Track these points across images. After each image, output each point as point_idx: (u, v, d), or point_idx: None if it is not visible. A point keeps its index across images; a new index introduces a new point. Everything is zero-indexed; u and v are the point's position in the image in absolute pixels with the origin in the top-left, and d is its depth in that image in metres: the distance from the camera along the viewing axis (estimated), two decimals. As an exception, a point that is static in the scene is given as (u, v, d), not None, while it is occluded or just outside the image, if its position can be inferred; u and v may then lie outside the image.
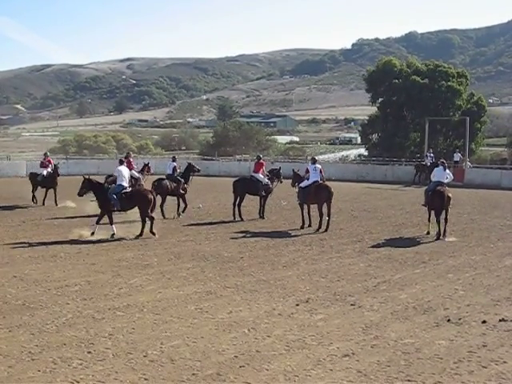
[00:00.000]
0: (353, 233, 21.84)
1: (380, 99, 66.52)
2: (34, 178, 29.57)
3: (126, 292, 13.07)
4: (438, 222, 20.99)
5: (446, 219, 21.06)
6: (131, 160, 28.87)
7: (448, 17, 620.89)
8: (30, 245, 18.45)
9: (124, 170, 21.45)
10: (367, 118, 72.29)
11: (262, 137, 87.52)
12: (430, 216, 21.82)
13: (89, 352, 9.33)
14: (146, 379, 8.37)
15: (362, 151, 74.62)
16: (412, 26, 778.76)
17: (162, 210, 24.62)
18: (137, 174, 28.38)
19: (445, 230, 20.97)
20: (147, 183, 27.14)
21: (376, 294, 13.27)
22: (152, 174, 30.18)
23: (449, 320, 11.23)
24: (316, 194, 22.57)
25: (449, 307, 12.16)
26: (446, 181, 21.84)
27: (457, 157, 49.39)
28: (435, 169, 22.83)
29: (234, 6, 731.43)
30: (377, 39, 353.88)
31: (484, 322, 11.13)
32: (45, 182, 29.12)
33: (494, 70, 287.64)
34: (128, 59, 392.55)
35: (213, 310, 11.74)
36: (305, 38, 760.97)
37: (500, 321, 11.19)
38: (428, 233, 21.64)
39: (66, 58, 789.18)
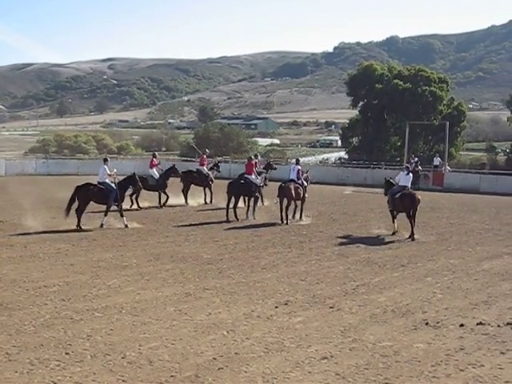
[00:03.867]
0: (332, 236, 21.88)
1: (361, 103, 66.85)
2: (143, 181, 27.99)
3: (105, 293, 13.02)
4: (413, 221, 21.92)
5: (413, 221, 21.93)
6: (204, 157, 32.97)
7: (429, 22, 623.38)
8: (9, 245, 18.34)
9: (101, 169, 23.42)
10: (348, 121, 72.54)
11: (242, 139, 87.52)
12: (393, 217, 22.87)
13: (66, 353, 9.29)
14: (124, 381, 8.34)
15: (343, 154, 74.76)
16: (393, 30, 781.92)
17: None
18: (206, 170, 31.63)
19: (413, 232, 21.73)
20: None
21: (355, 296, 13.31)
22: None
23: (427, 323, 11.29)
24: (278, 191, 24.53)
25: (427, 310, 12.23)
26: (409, 185, 22.91)
27: (436, 161, 49.69)
28: (400, 173, 24.03)
29: (217, 8, 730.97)
30: (358, 43, 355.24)
31: (462, 325, 11.20)
32: (155, 185, 29.42)
33: (474, 76, 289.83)
34: (109, 59, 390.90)
35: (192, 311, 11.72)
36: (287, 41, 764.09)
37: (477, 324, 11.26)
38: (394, 233, 22.49)
39: (47, 57, 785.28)
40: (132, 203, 28.33)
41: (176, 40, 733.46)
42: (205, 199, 31.10)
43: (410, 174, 23.26)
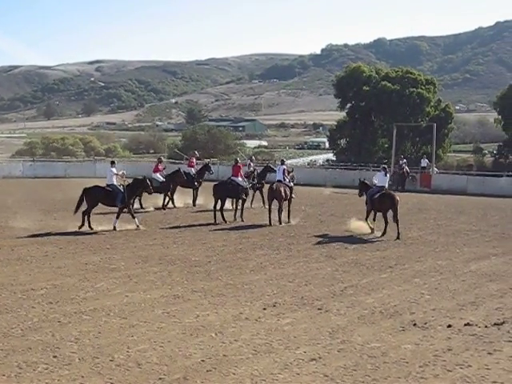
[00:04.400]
0: (320, 237, 21.89)
1: (348, 105, 66.97)
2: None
3: (93, 296, 13.00)
4: (396, 222, 22.36)
5: (397, 220, 22.39)
6: (193, 159, 33.53)
7: (416, 24, 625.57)
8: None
9: (108, 171, 23.77)
10: (335, 123, 72.60)
11: (230, 141, 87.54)
12: (367, 217, 23.37)
13: (54, 356, 9.27)
14: (112, 383, 8.34)
15: (330, 156, 74.90)
16: (381, 32, 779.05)
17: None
18: (193, 172, 32.01)
19: (398, 232, 22.14)
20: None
21: (343, 298, 13.33)
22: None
23: (415, 324, 11.32)
24: (268, 192, 25.21)
25: (415, 311, 12.26)
26: (387, 185, 23.52)
27: (424, 163, 49.78)
28: (377, 174, 24.47)
29: (204, 10, 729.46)
30: (346, 45, 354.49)
31: (449, 326, 11.23)
32: (160, 187, 29.46)
33: (461, 77, 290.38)
34: (97, 61, 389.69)
35: (180, 314, 11.72)
36: (274, 43, 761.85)
37: (465, 325, 11.30)
38: (372, 231, 23.02)
39: (34, 60, 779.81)
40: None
41: (163, 42, 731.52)
42: (193, 201, 31.20)
43: (388, 175, 23.76)
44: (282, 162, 26.89)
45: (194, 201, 31.07)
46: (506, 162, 61.89)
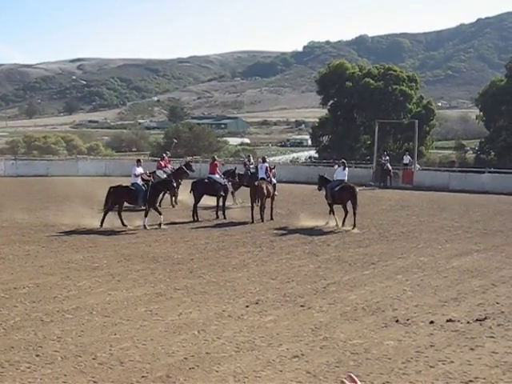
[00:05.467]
0: (302, 234, 21.93)
1: (331, 101, 66.93)
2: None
3: (75, 294, 12.96)
4: (354, 214, 23.55)
5: (354, 213, 23.49)
6: (166, 158, 32.69)
7: (398, 21, 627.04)
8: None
9: (132, 170, 24.15)
10: (318, 120, 72.57)
11: (213, 138, 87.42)
12: (331, 209, 24.19)
13: (37, 355, 9.24)
14: (95, 382, 8.32)
15: (313, 153, 74.88)
16: (363, 29, 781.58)
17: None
18: (168, 171, 31.39)
19: (355, 223, 23.37)
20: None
21: (325, 295, 13.36)
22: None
23: (397, 321, 11.37)
24: (251, 190, 25.49)
25: (397, 308, 12.31)
26: (346, 179, 24.48)
27: (406, 159, 49.87)
28: (337, 169, 25.60)
29: (185, 8, 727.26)
30: (328, 42, 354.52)
31: (432, 322, 11.29)
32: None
33: (443, 74, 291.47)
34: (78, 59, 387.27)
35: (162, 311, 11.71)
36: (256, 40, 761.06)
37: (447, 321, 11.36)
38: (337, 225, 23.73)
39: (16, 58, 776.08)
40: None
41: (145, 40, 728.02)
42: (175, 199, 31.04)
43: (347, 169, 24.81)
44: (264, 160, 27.15)
45: (175, 199, 30.95)
46: (487, 158, 62.11)
